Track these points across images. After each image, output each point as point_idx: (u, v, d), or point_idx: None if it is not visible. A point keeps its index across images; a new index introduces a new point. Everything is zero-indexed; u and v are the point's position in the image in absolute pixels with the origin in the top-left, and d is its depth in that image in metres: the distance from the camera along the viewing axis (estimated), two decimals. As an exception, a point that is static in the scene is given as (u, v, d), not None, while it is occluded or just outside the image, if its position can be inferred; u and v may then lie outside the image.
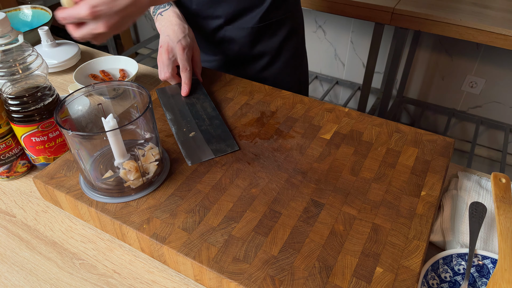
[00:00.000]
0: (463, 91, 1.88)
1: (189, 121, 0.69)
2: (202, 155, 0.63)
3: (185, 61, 0.74)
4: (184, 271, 0.52)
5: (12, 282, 0.53)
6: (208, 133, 0.67)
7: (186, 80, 0.75)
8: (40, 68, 0.59)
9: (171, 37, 0.75)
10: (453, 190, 0.62)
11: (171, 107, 0.73)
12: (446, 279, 0.52)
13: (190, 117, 0.70)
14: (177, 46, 0.74)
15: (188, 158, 0.62)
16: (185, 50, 0.74)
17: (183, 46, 0.74)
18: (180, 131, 0.67)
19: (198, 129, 0.67)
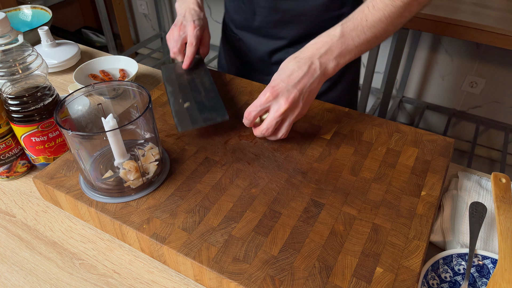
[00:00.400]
0: (463, 91, 1.88)
1: (186, 94, 0.71)
2: (193, 122, 0.65)
3: (193, 37, 0.75)
4: (184, 271, 0.52)
5: (12, 282, 0.53)
6: (202, 104, 0.68)
7: (189, 54, 0.76)
8: (40, 68, 0.59)
9: (186, 17, 0.77)
10: (453, 190, 0.62)
11: (172, 81, 0.76)
12: (446, 279, 0.52)
13: (188, 90, 0.72)
14: (189, 24, 0.76)
15: (179, 124, 0.64)
16: (196, 28, 0.75)
17: (195, 24, 0.75)
18: (176, 102, 0.70)
19: (194, 101, 0.69)
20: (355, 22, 0.60)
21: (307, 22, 0.79)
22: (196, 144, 0.65)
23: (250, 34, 0.86)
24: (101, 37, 2.68)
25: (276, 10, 0.79)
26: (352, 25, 0.60)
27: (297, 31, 0.80)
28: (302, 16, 0.78)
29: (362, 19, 0.59)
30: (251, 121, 0.62)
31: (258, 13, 0.81)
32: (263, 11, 0.80)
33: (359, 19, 0.60)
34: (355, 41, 0.60)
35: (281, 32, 0.81)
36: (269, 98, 0.59)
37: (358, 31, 0.60)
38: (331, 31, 0.61)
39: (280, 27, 0.80)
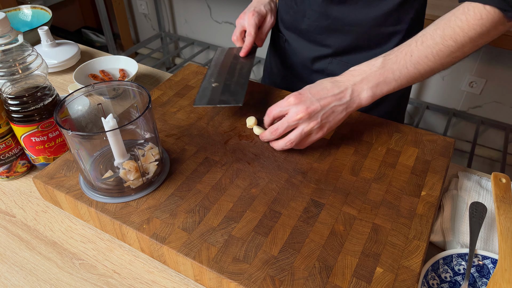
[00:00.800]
0: (463, 91, 1.88)
1: (221, 75, 0.74)
2: (209, 101, 0.68)
3: (250, 26, 0.77)
4: (184, 271, 0.52)
5: (12, 282, 0.53)
6: (228, 87, 0.70)
7: (247, 43, 0.78)
8: (40, 68, 0.59)
9: (252, 4, 0.81)
10: (453, 190, 0.62)
11: (218, 62, 0.78)
12: (446, 279, 0.52)
13: (225, 72, 0.75)
14: (249, 12, 0.78)
15: (197, 100, 0.68)
16: (254, 15, 0.77)
17: (253, 12, 0.78)
18: (207, 80, 0.73)
19: (223, 82, 0.71)
20: (398, 56, 0.58)
21: (356, 33, 0.75)
22: (196, 144, 0.65)
23: (296, 36, 0.84)
24: (101, 37, 2.68)
25: (326, 15, 0.75)
26: (395, 58, 0.58)
27: (344, 41, 0.77)
28: (352, 27, 0.74)
29: (407, 53, 0.58)
30: (270, 119, 0.63)
31: (308, 15, 0.78)
32: (313, 15, 0.77)
33: (404, 53, 0.58)
34: (395, 75, 0.58)
35: (327, 39, 0.78)
36: (291, 102, 0.59)
37: (400, 65, 0.58)
38: (372, 61, 0.60)
39: (327, 34, 0.77)
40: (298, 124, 0.59)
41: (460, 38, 0.55)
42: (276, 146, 0.62)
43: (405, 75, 0.58)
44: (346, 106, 0.59)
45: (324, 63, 0.82)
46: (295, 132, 0.59)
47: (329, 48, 0.79)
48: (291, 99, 0.59)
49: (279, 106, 0.61)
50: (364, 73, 0.59)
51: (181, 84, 0.80)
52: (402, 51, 0.58)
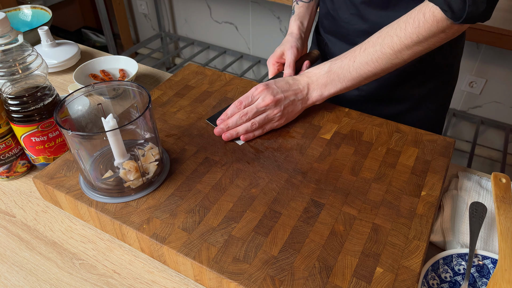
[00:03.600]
0: (463, 91, 1.88)
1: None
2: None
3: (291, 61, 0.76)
4: (184, 271, 0.52)
5: (12, 282, 0.53)
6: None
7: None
8: (40, 68, 0.59)
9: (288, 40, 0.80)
10: (453, 190, 0.62)
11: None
12: (446, 279, 0.52)
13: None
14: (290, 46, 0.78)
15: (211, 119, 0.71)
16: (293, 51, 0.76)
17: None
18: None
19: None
20: (343, 61, 0.65)
21: None
22: (196, 144, 0.65)
23: (336, 40, 0.83)
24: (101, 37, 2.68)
25: (364, 19, 0.75)
26: (340, 63, 0.66)
27: None
28: None
29: (351, 59, 0.65)
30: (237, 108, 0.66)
31: (346, 20, 0.78)
32: (351, 18, 0.76)
33: (348, 59, 0.65)
34: (340, 78, 0.66)
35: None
36: (259, 89, 0.66)
37: (344, 70, 0.65)
38: (321, 65, 0.68)
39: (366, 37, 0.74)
40: (265, 109, 0.66)
41: (397, 46, 0.60)
42: (241, 129, 0.65)
43: (349, 79, 0.66)
44: (302, 101, 0.68)
45: None
46: (261, 116, 0.66)
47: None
48: (259, 88, 0.66)
49: (249, 96, 0.67)
50: (315, 75, 0.68)
51: (181, 84, 0.80)
52: (347, 57, 0.65)
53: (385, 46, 0.61)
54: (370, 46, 0.62)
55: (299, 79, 0.69)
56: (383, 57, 0.61)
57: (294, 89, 0.67)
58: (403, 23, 0.59)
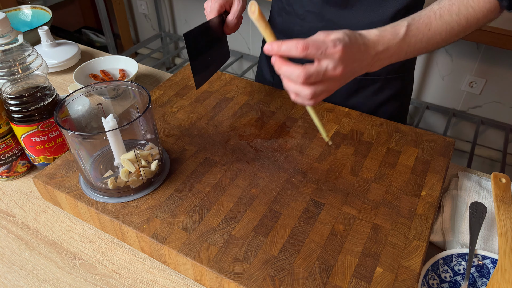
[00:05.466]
0: (463, 91, 1.88)
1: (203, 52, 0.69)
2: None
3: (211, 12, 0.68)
4: (184, 271, 0.52)
5: (12, 282, 0.53)
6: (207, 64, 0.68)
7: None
8: (40, 68, 0.59)
9: None
10: (453, 190, 0.62)
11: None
12: (446, 279, 0.52)
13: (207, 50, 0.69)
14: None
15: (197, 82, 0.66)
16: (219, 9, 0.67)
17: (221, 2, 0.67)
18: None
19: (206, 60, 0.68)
20: (419, 27, 0.56)
21: None
22: (196, 144, 0.65)
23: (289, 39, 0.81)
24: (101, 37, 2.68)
25: (321, 17, 0.73)
26: (416, 30, 0.56)
27: None
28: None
29: (427, 26, 0.56)
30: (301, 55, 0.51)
31: (301, 17, 0.76)
32: (307, 16, 0.75)
33: (424, 25, 0.56)
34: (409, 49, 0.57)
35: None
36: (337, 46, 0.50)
37: (418, 38, 0.56)
38: (397, 27, 0.56)
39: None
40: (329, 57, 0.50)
41: (471, 17, 0.55)
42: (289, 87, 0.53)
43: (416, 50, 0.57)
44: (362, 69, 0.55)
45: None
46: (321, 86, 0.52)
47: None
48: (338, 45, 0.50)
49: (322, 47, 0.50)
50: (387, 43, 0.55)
51: (181, 84, 0.80)
52: (423, 22, 0.56)
53: (462, 16, 0.55)
54: (446, 14, 0.56)
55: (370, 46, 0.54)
56: (457, 28, 0.56)
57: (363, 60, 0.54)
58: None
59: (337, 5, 0.70)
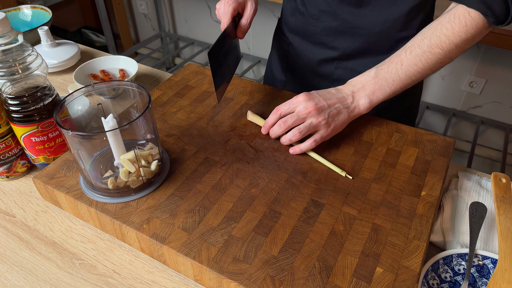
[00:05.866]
0: (463, 91, 1.88)
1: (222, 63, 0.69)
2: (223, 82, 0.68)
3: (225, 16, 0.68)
4: (184, 271, 0.52)
5: (12, 282, 0.53)
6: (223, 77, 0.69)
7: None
8: (40, 68, 0.59)
9: None
10: (453, 190, 0.62)
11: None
12: (446, 279, 0.52)
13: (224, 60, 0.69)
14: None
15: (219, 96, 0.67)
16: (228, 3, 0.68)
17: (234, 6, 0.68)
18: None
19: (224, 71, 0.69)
20: (390, 66, 0.63)
21: (364, 36, 0.74)
22: (196, 144, 0.65)
23: (302, 39, 0.81)
24: (101, 37, 2.68)
25: (335, 16, 0.74)
26: (387, 68, 0.63)
27: (351, 44, 0.76)
28: (361, 30, 0.73)
29: (398, 63, 0.63)
30: (277, 116, 0.64)
31: (315, 17, 0.76)
32: (322, 16, 0.75)
33: (395, 63, 0.63)
34: (389, 82, 0.63)
35: (334, 41, 0.77)
36: (300, 99, 0.62)
37: (392, 73, 0.63)
38: (366, 72, 0.65)
39: (335, 35, 0.76)
40: (307, 117, 0.62)
41: (446, 45, 0.59)
42: (284, 139, 0.63)
43: (397, 82, 0.64)
44: (348, 110, 0.64)
45: (330, 67, 0.80)
46: (304, 123, 0.62)
47: (336, 50, 0.78)
48: (300, 97, 0.62)
49: (288, 103, 0.63)
50: (360, 83, 0.65)
51: (181, 84, 0.80)
52: (393, 61, 0.63)
53: (434, 47, 0.60)
54: (416, 48, 0.61)
55: (342, 88, 0.65)
56: (432, 57, 0.61)
57: (338, 97, 0.63)
58: (447, 23, 0.59)
59: (351, 4, 0.71)
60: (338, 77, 0.81)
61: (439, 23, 0.60)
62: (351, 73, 0.78)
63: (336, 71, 0.80)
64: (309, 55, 0.82)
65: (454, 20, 0.58)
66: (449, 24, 0.59)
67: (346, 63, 0.78)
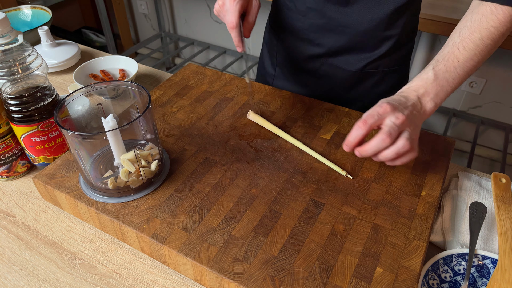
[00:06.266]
0: (463, 91, 1.88)
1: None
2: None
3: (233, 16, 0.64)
4: (184, 271, 0.52)
5: (12, 282, 0.53)
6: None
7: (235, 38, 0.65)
8: (40, 68, 0.59)
9: None
10: (453, 190, 0.62)
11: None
12: (446, 279, 0.52)
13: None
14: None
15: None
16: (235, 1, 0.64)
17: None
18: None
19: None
20: (447, 64, 0.62)
21: (350, 35, 0.75)
22: (196, 144, 0.65)
23: (289, 35, 0.82)
24: (101, 37, 2.68)
25: (322, 14, 0.74)
26: (444, 67, 0.62)
27: (337, 41, 0.77)
28: (347, 28, 0.74)
29: (454, 60, 0.62)
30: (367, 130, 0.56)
31: (303, 13, 0.77)
32: (309, 13, 0.76)
33: (451, 61, 0.62)
34: (449, 82, 0.62)
35: (321, 38, 0.78)
36: (387, 109, 0.57)
37: (452, 72, 0.62)
38: (423, 74, 0.62)
39: (321, 33, 0.77)
40: (404, 127, 0.57)
41: (496, 36, 0.60)
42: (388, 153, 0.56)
43: (457, 80, 0.62)
44: (419, 115, 0.61)
45: (316, 63, 0.82)
46: (405, 133, 0.56)
47: (321, 47, 0.79)
48: (386, 106, 0.57)
49: (373, 116, 0.57)
50: (422, 87, 0.62)
51: (181, 84, 0.80)
52: (449, 59, 0.62)
53: (486, 39, 0.60)
54: (469, 43, 0.61)
55: (407, 95, 0.61)
56: (485, 49, 0.61)
57: (411, 104, 0.60)
58: (491, 15, 0.60)
59: (337, 2, 0.72)
60: (324, 73, 0.82)
61: (482, 15, 0.60)
62: (336, 70, 0.80)
63: (322, 67, 0.81)
64: (296, 50, 0.83)
65: (497, 11, 0.59)
66: (493, 15, 0.59)
67: (331, 59, 0.80)
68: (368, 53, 0.77)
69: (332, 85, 0.83)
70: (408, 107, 0.59)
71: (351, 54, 0.78)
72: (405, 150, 0.55)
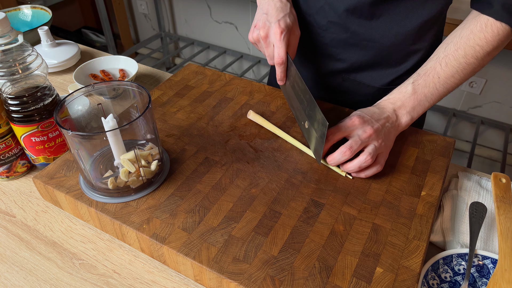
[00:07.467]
0: (463, 91, 1.88)
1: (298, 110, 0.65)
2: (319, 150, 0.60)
3: (280, 49, 0.62)
4: (184, 271, 0.52)
5: (12, 282, 0.53)
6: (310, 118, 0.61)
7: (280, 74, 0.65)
8: (40, 68, 0.59)
9: (269, 14, 0.64)
10: (453, 190, 0.62)
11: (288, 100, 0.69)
12: (446, 279, 0.52)
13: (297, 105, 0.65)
14: (274, 26, 0.62)
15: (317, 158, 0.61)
16: (283, 33, 0.62)
17: (281, 28, 0.61)
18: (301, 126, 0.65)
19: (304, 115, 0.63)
20: (427, 80, 0.62)
21: (375, 49, 0.71)
22: (196, 144, 0.65)
23: (308, 50, 0.78)
24: (101, 37, 2.68)
25: (345, 28, 0.70)
26: (424, 82, 0.62)
27: (361, 56, 0.73)
28: (372, 42, 0.70)
29: (434, 76, 0.62)
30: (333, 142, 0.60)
31: (323, 28, 0.73)
32: (331, 27, 0.72)
33: (431, 77, 0.62)
34: (428, 97, 0.63)
35: (343, 53, 0.74)
36: (355, 122, 0.60)
37: (431, 87, 0.62)
38: (402, 88, 0.64)
39: (344, 47, 0.73)
40: (369, 141, 0.59)
41: (480, 55, 0.60)
42: (351, 166, 0.58)
43: (436, 95, 0.63)
44: (394, 128, 0.62)
45: (338, 79, 0.78)
46: (369, 147, 0.58)
47: (343, 62, 0.75)
48: (355, 119, 0.60)
49: (342, 127, 0.60)
50: (400, 100, 0.63)
51: (181, 84, 0.80)
52: (429, 75, 0.62)
53: (469, 57, 0.60)
54: (451, 60, 0.61)
55: (383, 106, 0.63)
56: (468, 67, 0.61)
57: (385, 116, 0.61)
58: (479, 33, 0.58)
59: (362, 16, 0.68)
60: (346, 89, 0.79)
61: (470, 32, 0.59)
62: (359, 86, 0.77)
63: (344, 83, 0.78)
64: (315, 66, 0.80)
65: (486, 29, 0.58)
66: (481, 33, 0.58)
67: (354, 75, 0.76)
68: (394, 68, 0.74)
69: (354, 102, 0.79)
70: (381, 120, 0.61)
71: (375, 70, 0.75)
72: (367, 165, 0.58)
